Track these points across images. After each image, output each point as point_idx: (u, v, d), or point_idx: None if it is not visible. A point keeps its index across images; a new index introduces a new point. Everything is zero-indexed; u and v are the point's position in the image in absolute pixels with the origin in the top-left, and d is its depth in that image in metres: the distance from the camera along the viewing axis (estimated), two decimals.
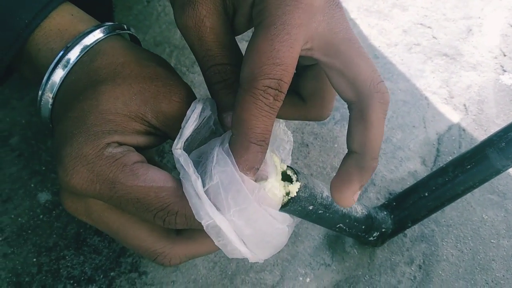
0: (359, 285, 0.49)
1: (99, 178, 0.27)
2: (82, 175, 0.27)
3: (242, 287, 0.47)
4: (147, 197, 0.27)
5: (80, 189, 0.27)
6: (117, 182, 0.27)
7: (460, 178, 0.44)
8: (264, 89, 0.26)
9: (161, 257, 0.31)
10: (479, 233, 0.53)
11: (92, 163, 0.27)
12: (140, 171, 0.27)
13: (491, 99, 0.65)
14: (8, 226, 0.48)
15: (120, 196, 0.27)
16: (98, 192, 0.27)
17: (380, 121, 0.30)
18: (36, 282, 0.45)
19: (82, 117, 0.28)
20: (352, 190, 0.31)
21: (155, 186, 0.27)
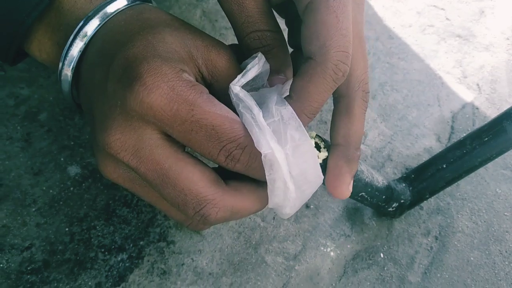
0: (377, 254, 0.50)
1: (179, 98, 0.26)
2: (162, 91, 0.25)
3: (266, 255, 0.49)
4: (222, 126, 0.27)
5: (157, 106, 0.26)
6: (196, 105, 0.26)
7: (478, 150, 0.46)
8: (337, 64, 0.27)
9: (210, 205, 0.29)
10: (493, 206, 0.55)
11: (173, 81, 0.26)
12: (216, 101, 0.27)
13: (503, 79, 0.66)
14: (40, 197, 0.49)
15: (196, 121, 0.26)
16: (174, 113, 0.26)
17: (362, 116, 0.33)
18: (69, 251, 0.47)
19: (151, 45, 0.27)
20: (346, 182, 0.33)
21: (231, 117, 0.27)
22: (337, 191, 0.33)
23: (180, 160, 0.28)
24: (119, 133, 0.27)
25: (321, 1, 0.28)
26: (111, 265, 0.47)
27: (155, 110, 0.26)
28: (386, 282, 0.49)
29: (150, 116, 0.26)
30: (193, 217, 0.29)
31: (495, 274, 0.50)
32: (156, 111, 0.26)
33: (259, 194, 0.32)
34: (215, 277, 0.47)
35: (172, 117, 0.26)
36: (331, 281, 0.48)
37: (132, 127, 0.27)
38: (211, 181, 0.29)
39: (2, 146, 0.52)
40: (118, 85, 0.27)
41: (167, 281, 0.47)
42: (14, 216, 0.48)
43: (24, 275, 0.45)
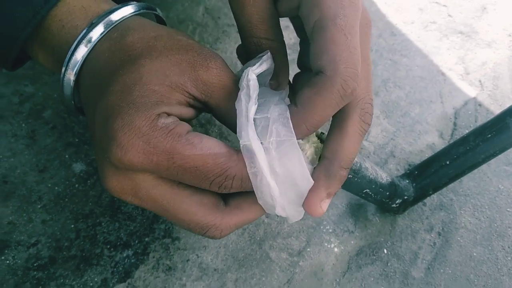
0: (381, 250, 0.51)
1: (156, 150, 0.26)
2: (138, 148, 0.26)
3: (270, 251, 0.49)
4: (206, 164, 0.27)
5: (136, 162, 0.26)
6: (175, 152, 0.26)
7: (481, 147, 0.46)
8: (346, 79, 0.27)
9: (213, 229, 0.30)
10: (495, 202, 0.55)
11: (147, 134, 0.26)
12: (195, 140, 0.27)
13: (505, 75, 0.66)
14: (46, 194, 0.50)
15: (178, 166, 0.27)
16: (155, 164, 0.27)
17: (356, 136, 0.31)
18: (75, 247, 0.47)
19: (127, 90, 0.27)
20: (319, 196, 0.31)
21: (212, 153, 0.27)
22: (308, 206, 0.31)
23: (177, 195, 0.29)
24: (115, 181, 0.29)
25: (328, 20, 0.28)
26: (116, 261, 0.47)
27: (136, 165, 0.27)
28: (390, 278, 0.49)
29: (135, 169, 0.27)
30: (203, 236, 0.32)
31: (497, 270, 0.50)
32: (137, 166, 0.27)
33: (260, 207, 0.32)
34: (220, 273, 0.48)
35: (155, 168, 0.27)
36: (335, 276, 0.49)
37: (125, 175, 0.28)
38: (210, 208, 0.30)
39: (7, 143, 0.52)
40: (102, 136, 0.27)
41: (172, 277, 0.47)
42: (20, 213, 0.48)
43: (31, 272, 0.46)
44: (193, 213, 0.30)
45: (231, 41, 0.65)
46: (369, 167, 0.43)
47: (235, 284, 0.47)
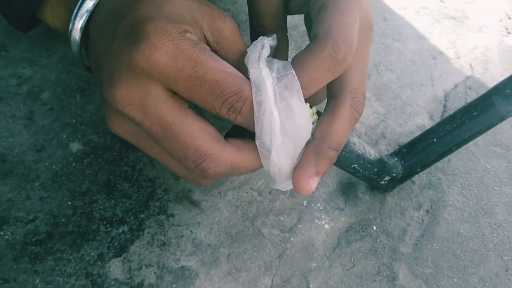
0: (370, 227, 0.52)
1: (183, 55, 0.27)
2: (167, 49, 0.27)
3: (262, 228, 0.51)
4: (225, 80, 0.28)
5: (163, 63, 0.27)
6: (200, 61, 0.27)
7: (467, 124, 0.47)
8: (337, 44, 0.29)
9: (209, 160, 0.30)
10: (483, 181, 0.56)
11: (177, 39, 0.27)
12: (218, 58, 0.28)
13: (495, 59, 0.67)
14: (43, 173, 0.51)
15: (200, 76, 0.27)
16: (180, 69, 0.27)
17: (346, 121, 0.33)
18: (72, 223, 0.49)
19: (159, 6, 0.28)
20: (307, 173, 0.33)
21: (232, 71, 0.28)
22: (298, 183, 0.33)
23: (183, 116, 0.29)
24: (126, 88, 0.28)
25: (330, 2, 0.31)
26: (112, 237, 0.49)
27: (160, 67, 0.27)
28: (379, 253, 0.51)
29: (156, 72, 0.27)
30: (194, 170, 0.30)
31: (484, 245, 0.52)
32: (161, 68, 0.27)
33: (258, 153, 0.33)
34: (213, 248, 0.49)
35: (177, 73, 0.27)
36: (325, 252, 0.50)
37: (138, 83, 0.28)
38: (212, 137, 0.30)
39: (6, 124, 0.53)
40: (125, 42, 0.28)
41: (167, 252, 0.48)
42: (18, 191, 0.50)
43: (29, 246, 0.47)
44: (196, 137, 0.29)
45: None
46: (357, 142, 0.44)
47: (227, 259, 0.49)
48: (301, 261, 0.49)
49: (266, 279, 0.48)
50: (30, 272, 0.46)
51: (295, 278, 0.48)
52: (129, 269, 0.47)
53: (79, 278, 0.46)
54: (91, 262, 0.47)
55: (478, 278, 0.50)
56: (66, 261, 0.47)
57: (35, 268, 0.46)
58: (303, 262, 0.49)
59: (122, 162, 0.53)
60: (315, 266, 0.49)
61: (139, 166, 0.53)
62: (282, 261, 0.49)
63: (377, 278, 0.49)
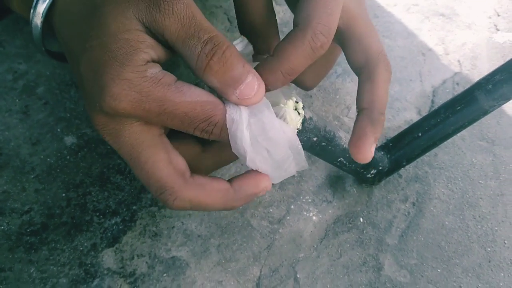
0: (357, 219, 0.53)
1: (148, 98, 0.28)
2: (131, 97, 0.27)
3: (252, 220, 0.52)
4: (194, 111, 0.29)
5: (129, 110, 0.28)
6: (166, 100, 0.28)
7: (451, 119, 0.49)
8: (316, 33, 0.31)
9: (168, 193, 0.31)
10: (468, 174, 0.57)
11: (139, 85, 0.27)
12: (184, 89, 0.29)
13: (484, 56, 0.69)
14: (38, 165, 0.52)
15: (169, 112, 0.28)
16: (147, 111, 0.28)
17: (385, 83, 0.36)
18: (66, 214, 0.50)
19: (103, 44, 0.28)
20: (369, 142, 0.35)
21: (200, 100, 0.29)
22: (360, 151, 0.35)
23: (153, 147, 0.31)
24: (102, 123, 0.30)
25: None
26: (105, 228, 0.50)
27: (128, 113, 0.28)
28: (365, 244, 0.52)
29: (126, 115, 0.29)
30: (156, 197, 0.32)
31: (468, 237, 0.53)
32: (130, 112, 0.28)
33: (224, 194, 0.33)
34: (204, 238, 0.50)
35: (147, 114, 0.28)
36: (313, 242, 0.51)
37: (114, 120, 0.30)
38: (176, 172, 0.31)
39: (2, 118, 0.54)
40: (92, 87, 0.28)
41: (158, 243, 0.50)
42: (14, 183, 0.51)
43: (24, 237, 0.48)
44: (159, 169, 0.31)
45: (218, 22, 0.67)
46: (343, 137, 0.45)
47: (217, 249, 0.50)
48: (289, 252, 0.51)
49: (255, 269, 0.49)
50: (25, 262, 0.47)
51: (283, 268, 0.50)
52: (121, 258, 0.48)
53: (72, 267, 0.48)
54: (85, 252, 0.48)
55: (462, 269, 0.51)
56: (60, 251, 0.48)
57: (30, 258, 0.48)
58: (291, 252, 0.51)
59: (115, 155, 0.54)
60: (303, 257, 0.50)
61: None
62: (271, 252, 0.50)
63: (363, 269, 0.51)
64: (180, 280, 0.48)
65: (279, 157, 0.35)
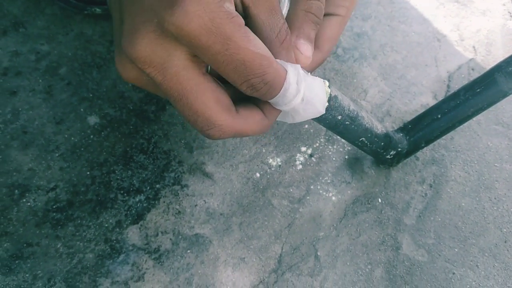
0: (376, 200, 0.54)
1: (217, 31, 0.26)
2: (202, 21, 0.25)
3: (272, 199, 0.53)
4: (253, 62, 0.28)
5: (196, 34, 0.26)
6: (232, 39, 0.26)
7: (471, 101, 0.49)
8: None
9: (217, 129, 0.31)
10: (484, 158, 0.58)
11: (214, 12, 0.25)
12: (251, 36, 0.27)
13: (498, 42, 0.69)
14: (63, 144, 0.53)
15: (229, 54, 0.27)
16: (211, 43, 0.26)
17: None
18: (91, 192, 0.51)
19: None
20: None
21: (261, 53, 0.28)
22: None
23: (202, 84, 0.29)
24: (150, 50, 0.27)
25: None
26: (130, 205, 0.51)
27: (192, 37, 0.26)
28: (383, 224, 0.53)
29: (186, 40, 0.27)
30: (201, 132, 0.31)
31: (484, 218, 0.54)
32: (193, 38, 0.26)
33: (263, 124, 0.34)
34: (226, 217, 0.51)
35: (207, 47, 0.27)
36: (332, 222, 0.52)
37: (163, 47, 0.27)
38: (224, 108, 0.31)
39: (26, 97, 0.55)
40: (156, 2, 0.26)
41: (181, 220, 0.51)
42: (39, 161, 0.52)
43: (50, 213, 0.49)
44: (209, 107, 0.30)
45: None
46: (365, 117, 0.46)
47: (239, 227, 0.51)
48: (310, 231, 0.52)
49: (276, 247, 0.50)
50: (52, 237, 0.48)
51: (303, 246, 0.51)
52: (146, 235, 0.49)
53: (98, 243, 0.49)
54: (110, 229, 0.49)
55: (478, 249, 0.52)
56: (86, 227, 0.49)
57: (57, 234, 0.49)
58: (311, 231, 0.52)
59: (138, 135, 0.55)
60: (323, 235, 0.51)
61: (154, 139, 0.55)
62: (292, 230, 0.51)
63: (382, 248, 0.52)
64: (204, 256, 0.49)
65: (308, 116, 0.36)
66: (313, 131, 0.57)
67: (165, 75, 0.28)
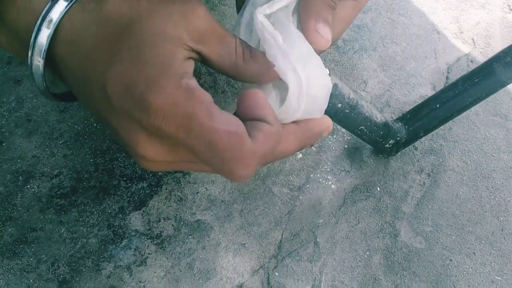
0: (374, 188, 0.55)
1: (178, 110, 0.24)
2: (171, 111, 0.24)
3: (273, 187, 0.54)
4: (219, 140, 0.25)
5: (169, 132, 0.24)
6: (194, 118, 0.24)
7: (469, 91, 0.50)
8: None
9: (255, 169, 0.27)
10: (482, 148, 0.59)
11: (172, 94, 0.24)
12: (214, 111, 0.25)
13: (497, 34, 0.70)
14: (66, 132, 0.54)
15: (195, 135, 0.25)
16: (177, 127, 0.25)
17: None
18: (94, 179, 0.52)
19: (136, 55, 0.25)
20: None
21: (231, 130, 0.25)
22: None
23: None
24: (150, 147, 0.26)
25: None
26: (132, 192, 0.52)
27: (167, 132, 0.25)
28: (382, 212, 0.54)
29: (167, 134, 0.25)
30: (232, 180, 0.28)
31: (481, 207, 0.55)
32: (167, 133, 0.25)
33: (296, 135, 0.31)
34: (227, 204, 0.52)
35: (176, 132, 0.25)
36: (331, 209, 0.53)
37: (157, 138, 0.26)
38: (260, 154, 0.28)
39: (30, 86, 0.56)
40: (128, 106, 0.25)
41: (183, 207, 0.51)
42: (43, 148, 0.53)
43: (54, 199, 0.50)
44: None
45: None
46: (365, 105, 0.47)
47: (240, 214, 0.52)
48: (309, 218, 0.52)
49: (276, 233, 0.51)
50: (56, 222, 0.49)
51: (303, 233, 0.52)
52: (148, 221, 0.50)
53: (101, 228, 0.49)
54: (113, 215, 0.50)
55: (475, 236, 0.53)
56: (89, 213, 0.50)
57: (61, 219, 0.49)
58: (311, 218, 0.52)
59: None
60: (322, 222, 0.52)
61: None
62: (291, 217, 0.52)
63: (380, 235, 0.52)
64: (205, 242, 0.50)
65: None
66: None
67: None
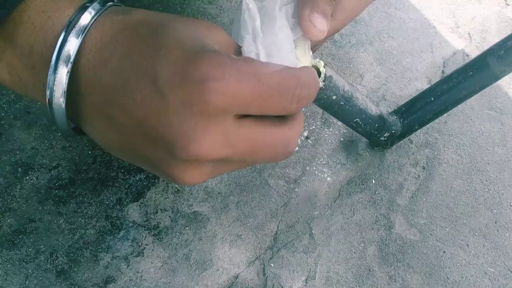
0: (370, 181, 0.56)
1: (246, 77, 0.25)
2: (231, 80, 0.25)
3: (269, 179, 0.54)
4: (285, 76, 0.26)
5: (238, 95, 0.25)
6: (259, 74, 0.25)
7: (463, 84, 0.51)
8: None
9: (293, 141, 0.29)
10: (477, 141, 0.60)
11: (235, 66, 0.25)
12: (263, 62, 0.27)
13: (493, 29, 0.70)
14: None
15: (266, 88, 0.25)
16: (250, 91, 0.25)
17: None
18: (92, 170, 0.52)
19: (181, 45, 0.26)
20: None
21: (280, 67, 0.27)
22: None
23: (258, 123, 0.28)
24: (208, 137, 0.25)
25: None
26: (130, 184, 0.52)
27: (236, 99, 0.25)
28: (377, 204, 0.54)
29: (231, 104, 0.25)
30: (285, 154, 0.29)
31: (475, 199, 0.56)
32: (238, 99, 0.25)
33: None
34: (224, 195, 0.53)
35: (249, 96, 0.25)
36: (327, 202, 0.54)
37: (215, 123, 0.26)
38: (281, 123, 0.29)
39: None
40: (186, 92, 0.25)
41: (180, 198, 0.52)
42: (42, 140, 0.53)
43: (53, 190, 0.51)
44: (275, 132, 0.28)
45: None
46: (360, 98, 0.48)
47: (237, 206, 0.52)
48: (305, 210, 0.53)
49: (272, 225, 0.52)
50: (55, 214, 0.50)
51: (299, 225, 0.52)
52: (145, 212, 0.51)
53: (99, 219, 0.50)
54: (111, 206, 0.51)
55: (469, 229, 0.54)
56: (87, 204, 0.51)
57: (59, 210, 0.50)
58: (307, 210, 0.53)
59: None
60: (318, 214, 0.53)
61: None
62: (287, 209, 0.53)
63: (375, 227, 0.53)
64: (202, 233, 0.50)
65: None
66: (309, 114, 0.59)
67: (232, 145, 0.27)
